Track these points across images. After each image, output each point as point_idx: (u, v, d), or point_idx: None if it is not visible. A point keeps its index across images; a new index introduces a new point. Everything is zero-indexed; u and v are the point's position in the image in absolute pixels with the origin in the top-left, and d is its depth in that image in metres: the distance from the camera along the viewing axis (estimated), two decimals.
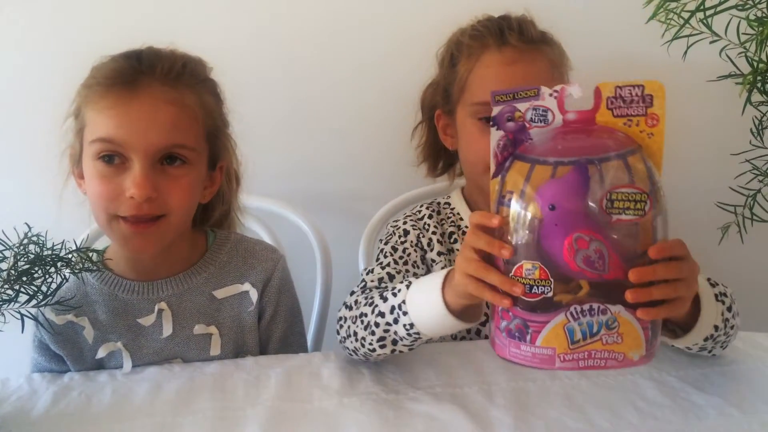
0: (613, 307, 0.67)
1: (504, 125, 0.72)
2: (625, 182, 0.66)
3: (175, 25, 0.96)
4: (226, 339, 1.03)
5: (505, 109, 0.72)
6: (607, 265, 0.66)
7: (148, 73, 0.91)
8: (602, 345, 0.68)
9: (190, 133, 0.94)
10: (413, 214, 1.12)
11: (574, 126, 0.71)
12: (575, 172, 0.66)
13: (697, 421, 0.80)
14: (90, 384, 0.93)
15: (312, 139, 1.45)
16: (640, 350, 0.69)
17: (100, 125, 0.90)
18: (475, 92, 1.02)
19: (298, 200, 1.31)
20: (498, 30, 1.01)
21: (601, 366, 0.69)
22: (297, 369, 0.94)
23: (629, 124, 0.69)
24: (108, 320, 1.00)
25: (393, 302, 0.84)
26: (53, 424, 0.84)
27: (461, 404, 0.84)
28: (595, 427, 0.79)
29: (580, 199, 0.66)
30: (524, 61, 0.99)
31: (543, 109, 0.71)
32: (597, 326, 0.68)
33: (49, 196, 0.98)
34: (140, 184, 0.88)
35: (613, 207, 0.65)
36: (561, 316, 0.68)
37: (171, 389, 0.90)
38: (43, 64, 1.34)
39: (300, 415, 0.83)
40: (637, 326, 0.68)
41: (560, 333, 0.68)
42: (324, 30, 1.38)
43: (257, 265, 1.06)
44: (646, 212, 0.66)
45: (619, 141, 0.69)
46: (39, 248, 0.81)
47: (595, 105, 0.70)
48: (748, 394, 0.85)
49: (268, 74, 1.38)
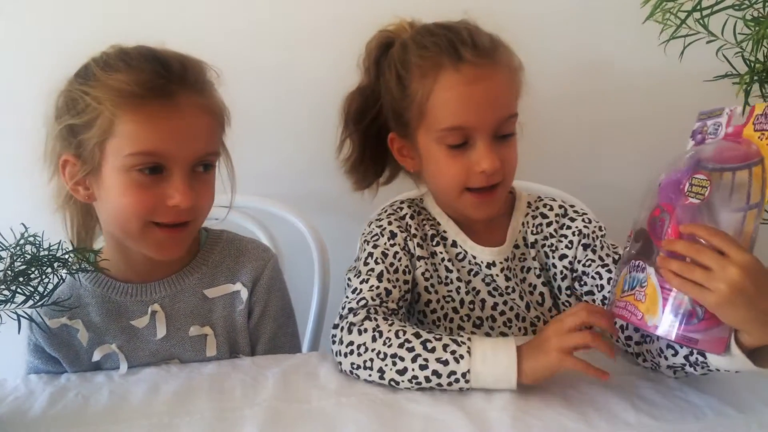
0: (649, 267, 0.77)
1: (696, 137, 0.85)
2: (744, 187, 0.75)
3: (167, 25, 0.96)
4: (221, 339, 1.03)
5: (700, 125, 0.86)
6: (664, 234, 0.76)
7: (180, 83, 0.90)
8: (634, 299, 0.78)
9: (218, 137, 0.97)
10: (395, 212, 1.09)
11: (729, 138, 0.81)
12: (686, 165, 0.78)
13: (695, 421, 0.80)
14: (87, 385, 0.93)
15: (309, 138, 1.44)
16: (655, 317, 0.75)
17: (140, 139, 0.88)
18: (439, 118, 0.97)
19: (296, 200, 1.30)
20: (449, 46, 0.95)
21: (626, 317, 0.79)
22: (294, 369, 0.94)
23: (762, 137, 0.77)
24: (102, 322, 1.00)
25: (454, 368, 0.84)
26: (50, 425, 0.84)
27: (459, 405, 0.84)
28: (592, 427, 0.79)
29: (678, 183, 0.78)
30: (484, 77, 0.95)
31: (718, 124, 0.83)
32: (636, 281, 0.79)
33: (47, 197, 0.98)
34: (185, 194, 0.89)
35: (691, 191, 0.76)
36: (626, 267, 0.81)
37: (168, 390, 0.90)
38: (37, 63, 1.33)
39: (298, 416, 0.83)
40: (658, 291, 0.75)
41: (621, 282, 0.81)
42: (321, 29, 1.38)
43: (248, 264, 1.06)
44: (705, 197, 0.75)
45: (748, 152, 0.77)
46: (35, 249, 0.81)
47: (747, 120, 0.79)
48: (746, 394, 0.85)
49: (264, 73, 1.38)
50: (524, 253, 1.08)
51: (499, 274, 1.05)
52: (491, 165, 0.96)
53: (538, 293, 1.07)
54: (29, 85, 1.33)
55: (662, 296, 0.75)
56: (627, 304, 0.79)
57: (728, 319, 0.72)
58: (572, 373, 0.88)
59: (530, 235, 1.08)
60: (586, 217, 1.08)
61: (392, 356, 0.87)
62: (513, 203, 1.12)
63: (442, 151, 0.99)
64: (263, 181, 1.11)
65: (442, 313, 1.05)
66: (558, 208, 1.09)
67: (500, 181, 1.00)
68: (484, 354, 0.85)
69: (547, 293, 1.07)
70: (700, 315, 0.73)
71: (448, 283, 1.06)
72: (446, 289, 1.05)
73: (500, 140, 0.98)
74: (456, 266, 1.06)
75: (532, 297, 1.07)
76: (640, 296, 0.77)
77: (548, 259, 1.07)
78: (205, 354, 1.02)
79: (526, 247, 1.08)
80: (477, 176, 0.98)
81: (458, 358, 0.85)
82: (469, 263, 1.06)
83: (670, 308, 0.74)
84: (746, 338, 0.73)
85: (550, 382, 0.87)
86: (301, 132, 1.44)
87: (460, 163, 0.98)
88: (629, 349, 0.92)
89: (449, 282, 1.06)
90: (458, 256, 1.07)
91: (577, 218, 1.07)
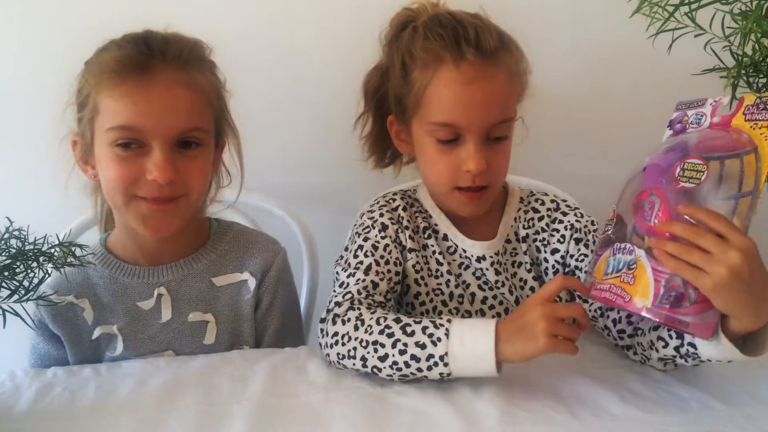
0: (638, 250, 0.77)
1: (674, 126, 0.86)
2: (736, 175, 0.75)
3: (168, 16, 0.96)
4: (222, 327, 1.04)
5: (679, 115, 0.86)
6: (653, 217, 0.77)
7: (160, 58, 0.91)
8: (619, 282, 0.78)
9: (203, 114, 0.96)
10: (387, 204, 1.08)
11: (716, 127, 0.81)
12: (674, 151, 0.79)
13: (680, 414, 0.80)
14: (74, 380, 0.92)
15: (298, 133, 1.44)
16: (645, 300, 0.75)
17: (118, 113, 0.90)
18: (432, 112, 0.97)
19: (284, 195, 1.30)
20: (454, 42, 0.95)
21: (611, 300, 0.78)
22: (283, 363, 0.94)
23: (754, 127, 0.78)
24: (108, 302, 1.01)
25: (432, 351, 0.83)
26: (36, 421, 0.83)
27: (448, 398, 0.84)
28: (579, 419, 0.79)
29: (666, 168, 0.78)
30: (483, 78, 0.94)
31: (701, 114, 0.84)
32: (623, 264, 0.78)
33: (41, 189, 0.98)
34: (163, 168, 0.89)
35: (684, 175, 0.77)
36: (609, 250, 0.81)
37: (155, 384, 0.90)
38: (35, 54, 1.33)
39: (286, 410, 0.83)
40: (650, 275, 0.75)
41: (602, 265, 0.81)
42: (314, 25, 1.38)
43: (257, 255, 1.07)
44: (700, 181, 0.75)
45: (740, 141, 0.78)
46: (21, 243, 0.80)
47: (735, 111, 0.79)
48: (731, 387, 0.85)
49: (255, 68, 1.37)
50: (515, 247, 1.08)
51: (489, 268, 1.05)
52: (477, 166, 0.96)
53: (528, 288, 1.07)
54: (21, 77, 1.34)
55: (654, 278, 0.75)
56: (612, 287, 0.78)
57: (722, 303, 0.72)
58: (560, 366, 0.89)
59: (522, 230, 1.08)
60: (579, 211, 1.08)
61: (373, 343, 0.86)
62: (506, 198, 1.12)
63: (433, 145, 0.99)
64: (252, 176, 1.10)
65: (431, 306, 1.05)
66: (550, 203, 1.09)
67: (490, 183, 1.00)
68: (462, 336, 0.83)
69: (537, 288, 1.07)
70: (693, 298, 0.73)
71: (438, 276, 1.06)
72: (436, 281, 1.05)
73: (491, 142, 0.98)
74: (447, 259, 1.06)
75: (522, 292, 1.07)
76: (628, 278, 0.77)
77: (540, 253, 1.07)
78: (203, 342, 1.03)
79: (518, 242, 1.08)
80: (464, 175, 0.98)
81: (435, 341, 0.83)
82: (460, 257, 1.07)
83: (662, 291, 0.74)
84: (735, 324, 0.73)
85: (537, 374, 0.87)
86: (291, 127, 1.43)
87: (449, 160, 0.98)
88: (620, 342, 0.92)
89: (439, 275, 1.06)
90: (449, 250, 1.07)
91: (570, 213, 1.07)
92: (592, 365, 0.91)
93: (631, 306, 0.76)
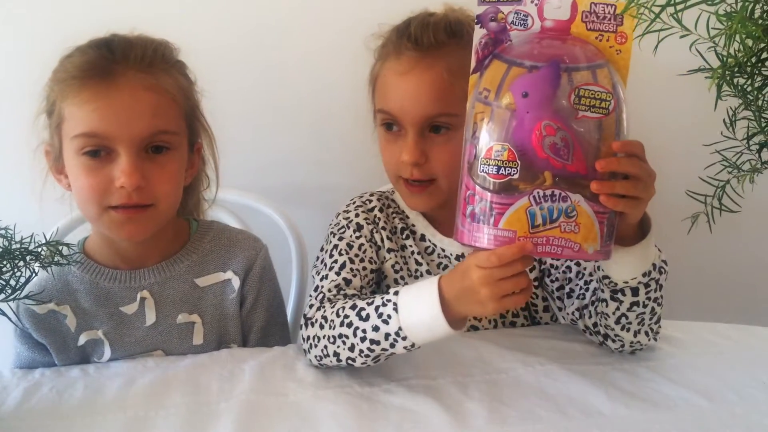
0: (573, 195, 0.72)
1: (487, 24, 0.77)
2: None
3: (149, 17, 0.95)
4: (209, 328, 1.03)
5: (490, 10, 0.77)
6: (571, 156, 0.71)
7: (122, 62, 0.90)
8: (560, 232, 0.73)
9: (170, 117, 0.94)
10: (363, 204, 1.08)
11: (551, 33, 0.76)
12: (548, 69, 0.72)
13: (667, 412, 0.81)
14: (61, 379, 0.92)
15: (287, 132, 1.44)
16: (594, 244, 0.73)
17: (81, 120, 0.89)
18: (378, 99, 1.01)
19: (273, 194, 1.30)
20: (401, 34, 0.98)
21: (557, 254, 0.73)
22: (271, 362, 0.94)
23: (600, 38, 0.75)
24: (90, 308, 1.00)
25: (387, 330, 0.82)
26: (23, 420, 0.83)
27: (436, 396, 0.84)
28: (567, 416, 0.80)
29: (552, 91, 0.71)
30: (418, 69, 0.95)
31: (524, 14, 0.76)
32: (557, 213, 0.72)
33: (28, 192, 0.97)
34: (129, 173, 0.88)
35: (580, 103, 0.71)
36: (525, 199, 0.72)
37: (144, 383, 0.89)
38: (11, 59, 1.32)
39: (274, 409, 0.83)
40: (593, 219, 0.73)
41: (522, 216, 0.72)
42: (300, 24, 1.38)
43: (239, 254, 1.06)
44: (609, 111, 0.71)
45: (590, 53, 0.74)
46: (7, 242, 0.80)
47: (572, 16, 0.75)
48: (717, 384, 0.86)
49: (243, 68, 1.37)
50: None
51: None
52: (409, 157, 0.96)
53: None
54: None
55: (598, 221, 0.73)
56: (550, 239, 0.73)
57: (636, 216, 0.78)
58: (546, 362, 0.89)
59: None
60: None
61: (339, 337, 0.86)
62: None
63: (382, 134, 1.02)
64: (241, 174, 1.11)
65: None
66: None
67: (434, 177, 0.98)
68: (409, 307, 0.81)
69: None
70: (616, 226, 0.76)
71: (418, 276, 1.06)
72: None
73: (432, 136, 0.97)
74: (425, 259, 1.06)
75: None
76: (571, 227, 0.73)
77: None
78: (192, 342, 1.02)
79: None
80: (404, 166, 0.98)
81: (387, 320, 0.82)
82: (438, 256, 1.07)
83: (605, 230, 0.74)
84: (622, 227, 0.78)
85: (524, 373, 0.87)
86: (279, 125, 1.43)
87: (392, 149, 0.99)
88: (597, 337, 0.94)
89: (419, 275, 1.06)
90: (427, 250, 1.07)
91: None
92: (580, 363, 0.91)
93: (582, 254, 0.74)
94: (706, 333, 0.99)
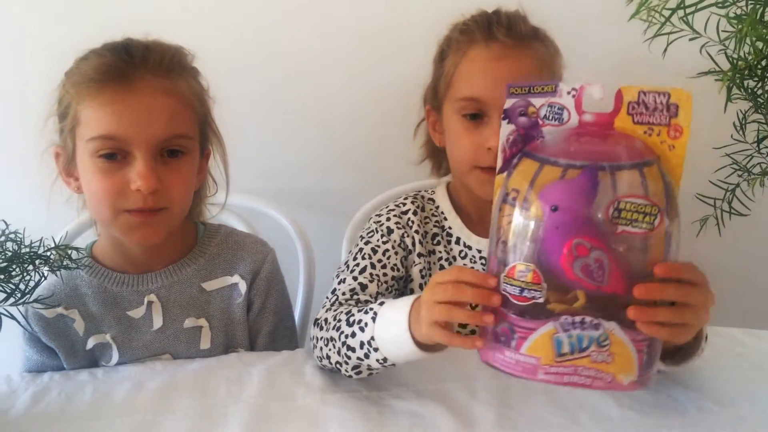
0: (606, 323, 0.63)
1: (516, 119, 0.69)
2: (638, 193, 0.62)
3: (157, 21, 0.95)
4: (216, 332, 1.03)
5: (519, 103, 0.68)
6: (606, 277, 0.62)
7: (141, 66, 0.90)
8: (590, 362, 0.64)
9: (186, 121, 0.95)
10: (396, 208, 1.08)
11: (590, 129, 0.67)
12: (584, 176, 0.62)
13: (677, 416, 0.80)
14: (70, 383, 0.92)
15: (295, 136, 1.44)
16: (631, 374, 0.65)
17: (98, 122, 0.89)
18: (460, 87, 1.00)
19: (281, 198, 1.30)
20: (487, 25, 0.98)
21: (587, 385, 0.65)
22: (280, 366, 0.94)
23: (650, 133, 0.65)
24: (98, 312, 1.00)
25: (362, 338, 0.80)
26: (32, 424, 0.83)
27: (444, 401, 0.84)
28: (575, 422, 0.79)
29: (587, 204, 0.62)
30: (511, 57, 0.96)
31: (559, 106, 0.67)
32: (587, 341, 0.64)
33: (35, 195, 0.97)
34: (146, 176, 0.88)
35: (620, 217, 0.61)
36: (550, 325, 0.64)
37: (152, 387, 0.89)
38: (17, 63, 1.32)
39: (282, 413, 0.83)
40: (631, 347, 0.64)
41: (547, 343, 0.64)
42: (309, 27, 1.38)
43: (247, 257, 1.06)
44: (655, 226, 0.62)
45: (637, 150, 0.65)
46: (17, 246, 0.80)
47: (615, 108, 0.66)
48: (726, 388, 0.86)
49: (251, 71, 1.37)
50: None
51: None
52: (497, 143, 0.95)
53: None
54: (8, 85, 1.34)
55: (636, 349, 0.64)
56: (579, 369, 0.65)
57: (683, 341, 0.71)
58: None
59: None
60: None
61: (330, 339, 0.86)
62: None
63: (460, 122, 1.00)
64: (249, 179, 1.10)
65: None
66: None
67: None
68: (384, 318, 0.79)
69: None
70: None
71: None
72: None
73: None
74: (454, 266, 1.05)
75: None
76: (603, 357, 0.64)
77: None
78: (199, 347, 1.02)
79: None
80: (485, 154, 0.97)
81: (363, 327, 0.80)
82: (471, 261, 1.06)
83: (645, 358, 0.65)
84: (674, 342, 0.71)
85: None
86: (287, 130, 1.43)
87: (472, 137, 0.98)
88: None
89: None
90: (461, 254, 1.06)
91: None
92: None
93: (616, 386, 0.65)
94: (717, 338, 0.98)
